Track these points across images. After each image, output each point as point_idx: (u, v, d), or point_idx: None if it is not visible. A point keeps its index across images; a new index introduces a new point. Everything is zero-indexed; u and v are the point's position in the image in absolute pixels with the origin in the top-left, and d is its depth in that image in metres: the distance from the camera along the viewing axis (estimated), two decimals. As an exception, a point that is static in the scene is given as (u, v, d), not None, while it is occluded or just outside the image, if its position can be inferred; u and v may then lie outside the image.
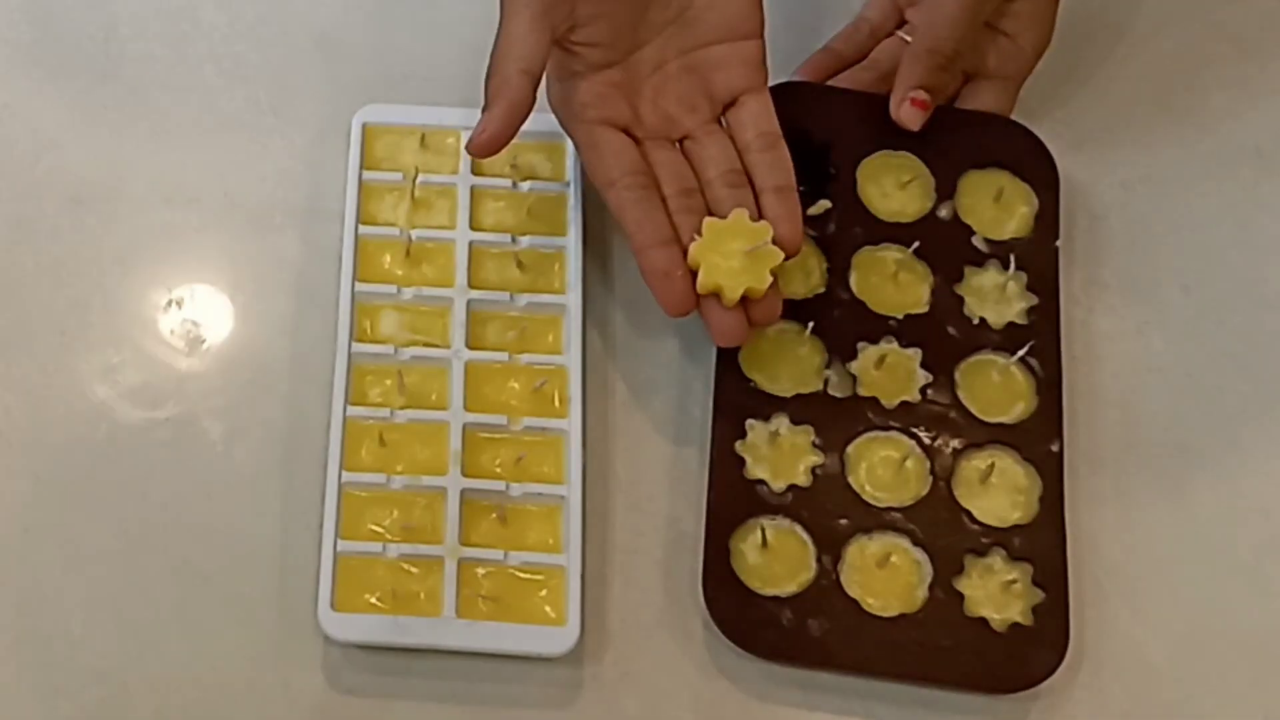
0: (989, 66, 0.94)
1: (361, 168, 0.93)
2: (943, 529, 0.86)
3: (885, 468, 0.87)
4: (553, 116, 0.93)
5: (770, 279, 0.86)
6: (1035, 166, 0.94)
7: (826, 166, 0.93)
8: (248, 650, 0.84)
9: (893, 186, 0.93)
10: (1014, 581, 0.85)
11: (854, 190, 0.93)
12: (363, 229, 0.91)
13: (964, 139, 0.94)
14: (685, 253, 0.86)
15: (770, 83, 0.91)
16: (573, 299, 0.90)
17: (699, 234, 0.86)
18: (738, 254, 0.85)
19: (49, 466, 0.88)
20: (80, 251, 0.93)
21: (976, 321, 0.91)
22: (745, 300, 0.86)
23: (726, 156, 0.89)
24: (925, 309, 0.91)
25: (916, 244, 0.91)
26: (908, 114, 0.91)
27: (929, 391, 0.89)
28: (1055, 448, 0.88)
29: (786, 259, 0.86)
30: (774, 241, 0.86)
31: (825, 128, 0.94)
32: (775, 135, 0.89)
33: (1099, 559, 0.88)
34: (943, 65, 0.92)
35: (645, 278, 0.86)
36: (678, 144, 0.90)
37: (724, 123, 0.90)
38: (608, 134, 0.88)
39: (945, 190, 0.93)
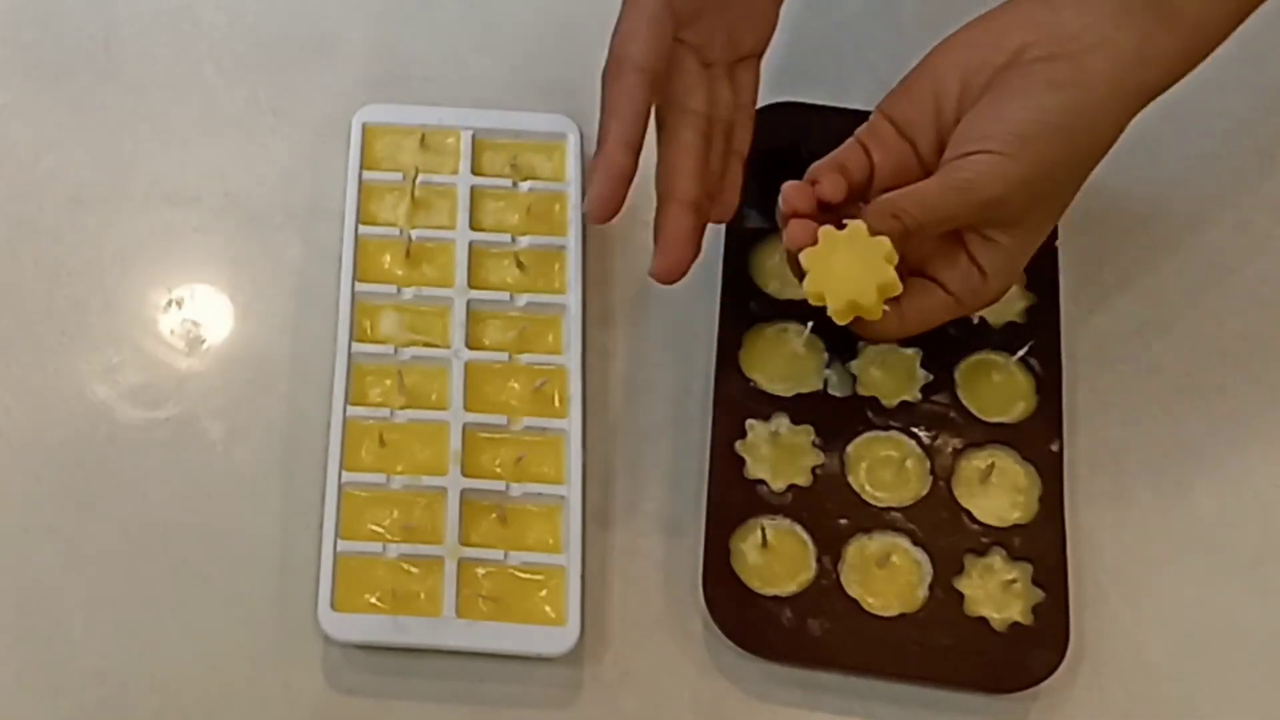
0: (943, 279, 0.85)
1: (361, 168, 0.93)
2: (943, 529, 0.86)
3: (885, 468, 0.87)
4: (551, 116, 0.94)
5: (877, 295, 0.82)
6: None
7: None
8: (248, 650, 0.84)
9: (889, 192, 0.93)
10: (1014, 581, 0.85)
11: (849, 197, 0.93)
12: (363, 229, 0.91)
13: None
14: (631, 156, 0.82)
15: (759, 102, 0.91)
16: (573, 299, 0.90)
17: (818, 238, 0.82)
18: (853, 268, 0.82)
19: (49, 466, 0.88)
20: (80, 251, 0.93)
21: (976, 321, 0.91)
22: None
23: (729, 106, 0.87)
24: (925, 309, 0.91)
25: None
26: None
27: (929, 391, 0.89)
28: (1055, 448, 0.88)
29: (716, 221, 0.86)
30: (715, 207, 0.85)
31: (814, 144, 0.93)
32: (752, 108, 0.88)
33: (1099, 559, 0.88)
34: (894, 228, 0.82)
35: (600, 165, 0.82)
36: None
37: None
38: (667, 17, 0.84)
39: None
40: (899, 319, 0.84)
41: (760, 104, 0.94)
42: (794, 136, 0.94)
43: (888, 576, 0.85)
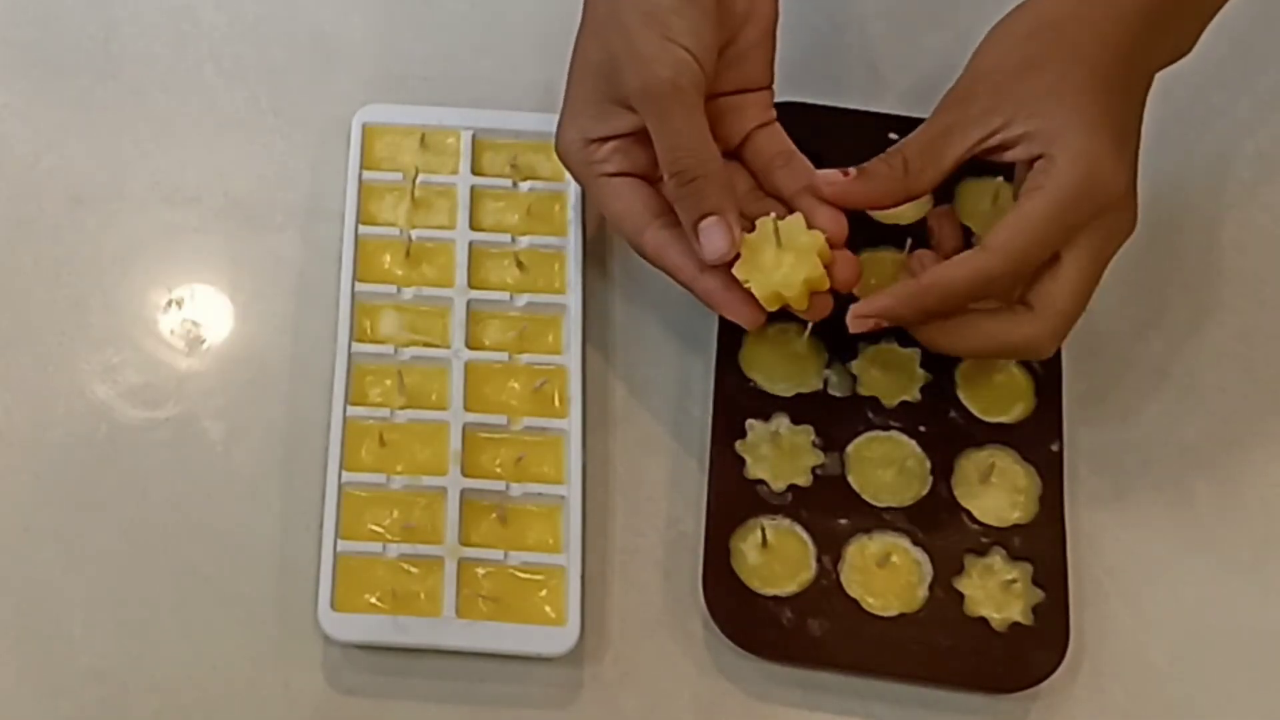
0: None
1: (361, 168, 0.93)
2: (943, 529, 0.86)
3: (885, 468, 0.87)
4: (552, 117, 0.93)
5: (802, 289, 0.84)
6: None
7: None
8: (248, 650, 0.84)
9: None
10: (1014, 581, 0.85)
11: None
12: (363, 229, 0.91)
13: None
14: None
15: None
16: (573, 299, 0.90)
17: (740, 252, 0.84)
18: (783, 260, 0.84)
19: (49, 466, 0.88)
20: (80, 251, 0.93)
21: (976, 321, 0.91)
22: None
23: (746, 179, 0.88)
24: (925, 309, 0.91)
25: (911, 242, 0.91)
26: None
27: (929, 391, 0.89)
28: (1055, 448, 0.88)
29: (834, 246, 0.85)
30: (823, 232, 0.85)
31: (815, 144, 0.93)
32: (791, 150, 0.88)
33: (1099, 559, 0.88)
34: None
35: (711, 302, 0.85)
36: None
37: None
38: (630, 182, 0.86)
39: (943, 197, 0.93)
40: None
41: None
42: (794, 136, 0.93)
43: (888, 576, 0.85)
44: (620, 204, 0.86)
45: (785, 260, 0.84)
